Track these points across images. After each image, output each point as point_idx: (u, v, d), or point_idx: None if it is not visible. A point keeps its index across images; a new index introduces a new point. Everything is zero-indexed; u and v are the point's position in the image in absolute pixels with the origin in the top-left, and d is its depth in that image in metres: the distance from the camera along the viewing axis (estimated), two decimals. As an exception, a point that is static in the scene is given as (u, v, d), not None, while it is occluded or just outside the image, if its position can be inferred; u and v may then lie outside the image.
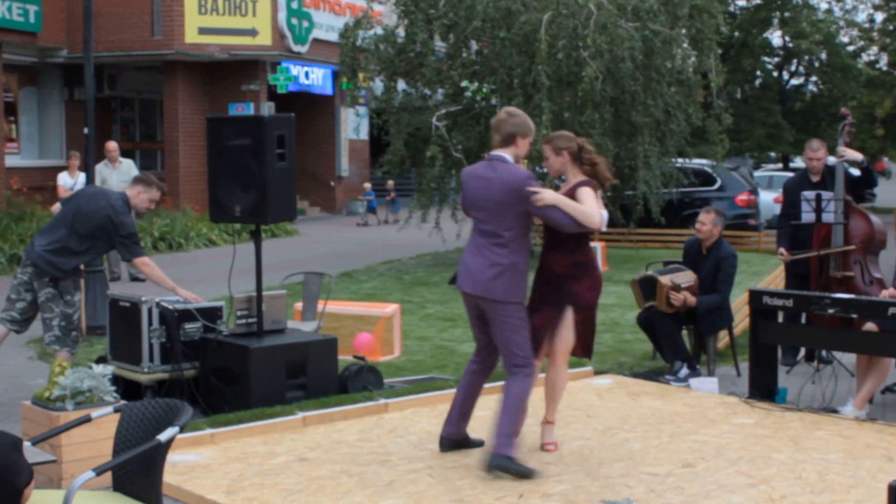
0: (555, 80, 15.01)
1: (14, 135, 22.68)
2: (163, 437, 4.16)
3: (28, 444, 4.28)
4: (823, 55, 33.42)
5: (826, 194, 8.69)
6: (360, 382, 7.82)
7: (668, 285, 8.54)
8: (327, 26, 25.36)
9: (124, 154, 15.53)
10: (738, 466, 6.15)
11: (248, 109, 24.40)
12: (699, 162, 20.29)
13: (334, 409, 7.29)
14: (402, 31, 16.67)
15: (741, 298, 10.00)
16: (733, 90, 33.71)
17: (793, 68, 35.67)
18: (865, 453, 6.40)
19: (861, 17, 35.60)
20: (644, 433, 6.89)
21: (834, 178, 8.84)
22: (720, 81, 16.95)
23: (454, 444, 6.45)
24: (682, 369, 8.55)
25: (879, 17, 35.04)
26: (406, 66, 16.58)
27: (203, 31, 22.87)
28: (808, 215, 8.81)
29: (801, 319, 8.61)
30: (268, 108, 7.52)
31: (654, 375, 8.65)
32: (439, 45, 17.05)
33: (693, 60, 16.53)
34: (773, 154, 38.56)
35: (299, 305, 9.37)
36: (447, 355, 9.54)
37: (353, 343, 8.99)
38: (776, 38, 35.11)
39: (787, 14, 33.03)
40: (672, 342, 8.57)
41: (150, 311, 7.48)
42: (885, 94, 32.56)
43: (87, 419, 4.87)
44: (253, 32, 23.35)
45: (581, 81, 14.66)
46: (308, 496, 5.66)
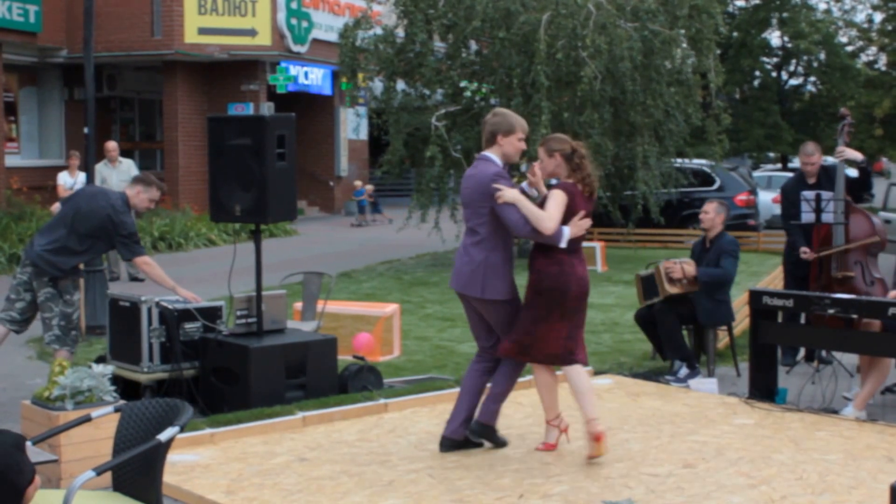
0: (554, 81, 15.02)
1: (14, 134, 22.67)
2: (163, 436, 4.16)
3: (28, 443, 4.27)
4: (822, 55, 33.43)
5: (826, 194, 8.68)
6: (359, 382, 7.82)
7: (664, 263, 8.68)
8: (326, 26, 25.35)
9: (124, 154, 15.53)
10: (739, 467, 6.14)
11: (248, 109, 24.44)
12: (698, 162, 20.28)
13: (334, 409, 7.29)
14: (401, 32, 16.67)
15: (741, 298, 9.99)
16: (732, 90, 33.71)
17: (791, 68, 35.69)
18: (866, 454, 6.40)
19: (860, 17, 35.66)
20: (644, 434, 6.89)
21: (830, 178, 8.83)
22: (719, 81, 16.94)
23: (455, 445, 6.46)
24: (682, 369, 8.55)
25: (878, 17, 35.08)
26: (405, 66, 16.58)
27: (203, 31, 22.87)
28: (808, 215, 8.80)
29: (801, 319, 8.60)
30: (267, 109, 7.52)
31: (653, 376, 8.65)
32: (438, 45, 17.06)
33: (692, 60, 16.53)
34: (772, 154, 38.59)
35: (299, 305, 9.37)
36: (446, 355, 9.53)
37: (353, 343, 8.98)
38: (775, 38, 35.14)
39: (786, 14, 33.03)
40: (673, 340, 8.56)
41: (149, 310, 7.47)
42: (883, 94, 32.60)
43: (86, 419, 4.86)
44: (252, 32, 23.34)
45: (580, 81, 14.66)
46: (308, 496, 5.66)
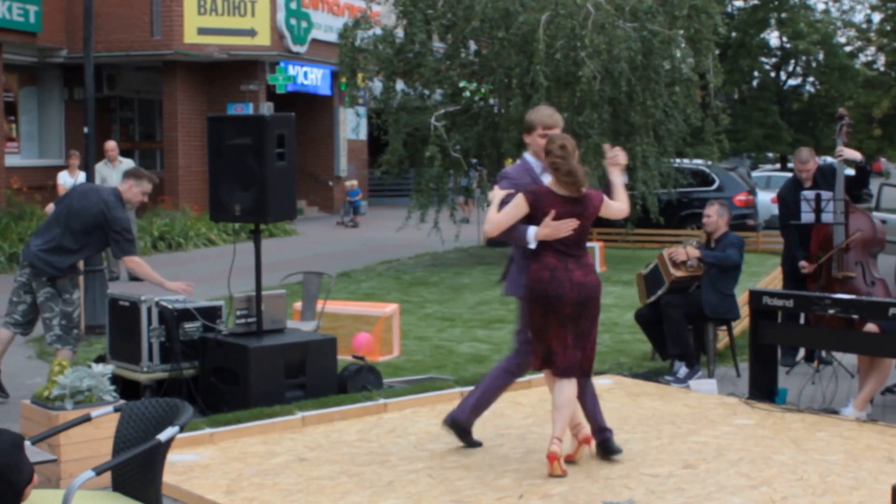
0: (553, 81, 15.01)
1: (14, 134, 22.66)
2: (163, 436, 4.15)
3: (27, 443, 4.26)
4: (821, 55, 33.49)
5: (825, 194, 8.67)
6: (359, 382, 7.81)
7: (666, 250, 8.73)
8: (326, 26, 25.34)
9: (124, 154, 15.55)
10: (739, 467, 6.14)
11: (247, 109, 24.39)
12: (697, 162, 20.29)
13: (333, 409, 7.28)
14: (400, 32, 16.67)
15: (741, 298, 9.97)
16: (731, 90, 33.75)
17: (790, 69, 35.73)
18: (866, 455, 6.40)
19: (858, 17, 35.76)
20: (644, 434, 6.88)
21: (826, 180, 8.83)
22: (718, 82, 16.95)
23: (457, 429, 6.41)
24: (681, 369, 8.54)
25: (877, 17, 35.11)
26: (405, 66, 16.58)
27: (202, 31, 22.86)
28: (807, 215, 8.79)
29: (800, 320, 8.59)
30: (267, 109, 7.52)
31: (653, 376, 8.64)
32: (438, 45, 17.05)
33: (691, 61, 16.52)
34: (771, 154, 38.62)
35: (298, 305, 9.36)
36: (446, 355, 9.52)
37: (352, 343, 8.97)
38: (774, 38, 35.19)
39: (785, 14, 33.08)
40: (677, 334, 8.49)
41: (149, 310, 7.47)
42: (882, 95, 32.64)
43: (86, 418, 4.85)
44: (252, 33, 23.33)
45: (579, 81, 14.66)
46: (307, 496, 5.65)
